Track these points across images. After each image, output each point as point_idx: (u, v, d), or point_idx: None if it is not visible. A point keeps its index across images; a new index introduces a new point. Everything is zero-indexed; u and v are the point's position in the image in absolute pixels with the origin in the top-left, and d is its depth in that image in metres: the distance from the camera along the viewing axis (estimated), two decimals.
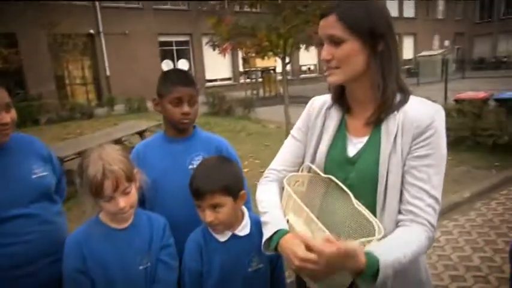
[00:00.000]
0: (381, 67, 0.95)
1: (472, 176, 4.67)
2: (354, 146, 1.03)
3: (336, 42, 0.94)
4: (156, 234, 1.28)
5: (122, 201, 1.16)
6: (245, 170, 5.22)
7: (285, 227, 0.99)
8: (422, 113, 0.95)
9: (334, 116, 1.09)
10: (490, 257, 2.92)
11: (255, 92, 16.30)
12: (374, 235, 0.87)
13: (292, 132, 1.20)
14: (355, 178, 1.01)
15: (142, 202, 1.42)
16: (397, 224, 0.96)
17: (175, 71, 1.49)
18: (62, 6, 9.02)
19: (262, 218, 1.06)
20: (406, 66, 23.86)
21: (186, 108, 1.38)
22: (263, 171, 1.23)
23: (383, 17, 0.95)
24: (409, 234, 0.91)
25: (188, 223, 1.31)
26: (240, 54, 14.15)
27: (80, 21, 11.21)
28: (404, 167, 0.95)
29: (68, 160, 4.71)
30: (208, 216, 1.16)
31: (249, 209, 1.45)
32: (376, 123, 0.99)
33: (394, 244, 0.88)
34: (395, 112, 0.97)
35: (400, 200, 0.96)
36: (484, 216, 3.66)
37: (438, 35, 29.29)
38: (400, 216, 0.96)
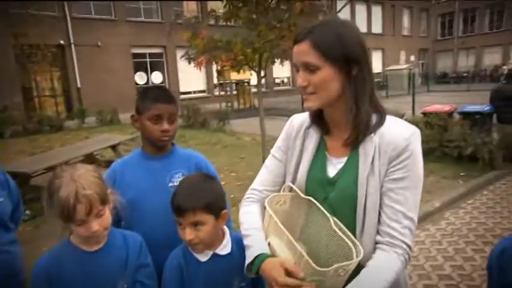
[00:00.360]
0: (354, 91, 0.96)
1: (441, 186, 4.87)
2: (334, 166, 1.04)
3: (311, 69, 0.95)
4: (131, 253, 1.23)
5: (95, 225, 1.10)
6: (222, 183, 5.16)
7: (266, 250, 0.99)
8: (398, 135, 0.96)
9: (313, 136, 1.09)
10: (460, 265, 3.03)
11: (229, 104, 16.34)
12: (352, 258, 0.87)
13: (272, 151, 1.20)
14: (335, 198, 1.01)
15: (118, 222, 1.38)
16: (375, 244, 0.97)
17: (155, 87, 1.45)
18: (31, 16, 8.70)
19: (245, 241, 1.05)
20: (375, 80, 24.80)
21: (165, 125, 1.35)
22: (239, 184, 1.26)
23: (356, 42, 0.96)
24: (385, 263, 0.93)
25: (168, 242, 1.27)
26: (215, 67, 14.18)
27: (50, 31, 10.88)
28: (381, 188, 0.97)
29: (36, 176, 4.47)
30: (189, 234, 1.13)
31: (228, 227, 1.42)
32: (353, 145, 1.01)
33: (370, 279, 0.90)
34: (372, 134, 0.98)
35: (379, 221, 0.97)
36: (453, 225, 3.81)
37: (404, 51, 30.83)
38: (378, 238, 0.97)
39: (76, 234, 1.14)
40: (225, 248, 1.23)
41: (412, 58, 31.40)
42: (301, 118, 1.15)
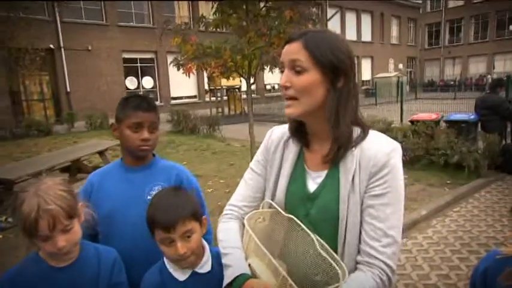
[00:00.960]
0: (337, 103, 0.94)
1: (428, 193, 4.90)
2: (313, 180, 1.01)
3: (298, 70, 0.93)
4: (103, 271, 1.15)
5: (61, 240, 1.03)
6: (209, 190, 5.11)
7: (246, 271, 0.94)
8: (378, 150, 0.93)
9: (292, 149, 1.06)
10: (446, 274, 3.04)
11: (220, 110, 16.33)
12: (337, 280, 0.84)
13: (251, 165, 1.15)
14: (316, 215, 0.98)
15: (95, 236, 1.34)
16: (356, 264, 0.94)
17: (136, 96, 1.40)
18: (19, 19, 8.57)
19: (223, 260, 1.01)
20: (364, 87, 25.14)
21: (145, 134, 1.31)
22: (228, 191, 1.23)
23: (347, 55, 0.95)
24: (357, 283, 0.88)
25: (146, 257, 1.22)
26: (206, 73, 14.17)
27: (39, 35, 10.75)
28: (362, 205, 0.94)
29: (20, 182, 4.36)
30: (181, 247, 1.06)
31: (207, 240, 1.38)
32: (333, 159, 0.97)
33: None
34: (353, 149, 0.95)
35: (359, 240, 0.93)
36: (440, 234, 3.82)
37: (393, 59, 31.38)
38: (358, 257, 0.93)
39: (43, 250, 1.08)
40: (205, 265, 1.17)
41: (401, 66, 31.97)
42: (281, 130, 1.12)
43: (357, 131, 0.97)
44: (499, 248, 1.12)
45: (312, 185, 1.00)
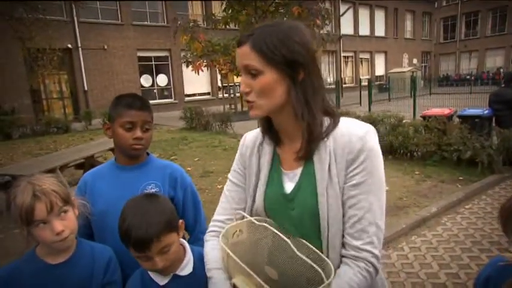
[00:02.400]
0: (303, 97, 0.89)
1: (439, 190, 4.81)
2: (290, 180, 0.96)
3: (253, 74, 0.88)
4: (97, 269, 1.15)
5: (58, 224, 1.04)
6: (219, 186, 5.16)
7: (226, 286, 0.93)
8: (351, 135, 0.89)
9: (267, 151, 1.01)
10: (455, 273, 2.96)
11: (232, 106, 16.39)
12: (321, 282, 0.80)
13: (229, 176, 1.11)
14: (297, 215, 0.93)
15: (91, 235, 1.34)
16: (341, 258, 0.91)
17: (129, 95, 1.37)
18: (39, 20, 8.85)
19: (209, 283, 0.99)
20: (378, 82, 24.78)
21: (138, 133, 1.29)
22: None
23: (302, 45, 0.88)
24: (344, 279, 0.85)
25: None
26: (217, 70, 14.33)
27: (57, 35, 11.11)
28: (343, 196, 0.89)
29: None
30: (159, 262, 1.03)
31: (202, 240, 1.33)
32: (307, 154, 0.93)
33: None
34: (326, 139, 0.91)
35: (343, 233, 0.90)
36: (450, 231, 3.74)
37: (407, 54, 30.80)
38: (343, 251, 0.90)
39: (41, 240, 1.07)
40: (186, 267, 1.14)
41: (415, 61, 31.36)
42: (253, 134, 1.08)
43: (326, 121, 0.92)
44: (503, 253, 1.10)
45: (289, 185, 0.96)
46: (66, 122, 13.27)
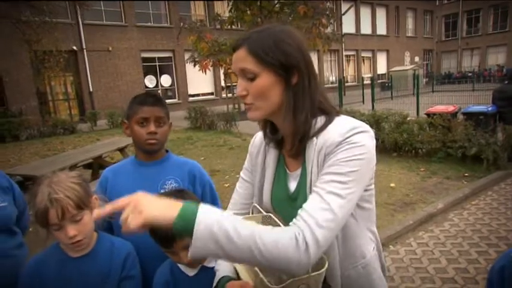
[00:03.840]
0: (293, 100, 0.90)
1: (445, 187, 4.84)
2: (294, 180, 0.98)
3: (249, 77, 0.88)
4: (115, 264, 1.19)
5: (71, 230, 1.08)
6: (226, 184, 5.20)
7: (230, 273, 0.99)
8: (336, 132, 0.87)
9: (272, 152, 1.03)
10: (464, 268, 2.99)
11: (236, 106, 16.45)
12: (308, 272, 0.81)
13: (241, 173, 1.15)
14: None
15: (111, 230, 1.37)
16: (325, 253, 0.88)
17: (144, 93, 1.43)
18: (44, 23, 8.97)
19: (215, 267, 1.05)
20: (380, 81, 24.77)
21: (152, 127, 1.32)
22: None
23: (296, 48, 0.89)
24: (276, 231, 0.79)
25: (160, 251, 1.20)
26: (222, 70, 14.40)
27: (63, 38, 11.27)
28: None
29: None
30: (184, 258, 1.08)
31: None
32: (298, 154, 0.95)
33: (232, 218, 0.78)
34: (315, 138, 0.90)
35: None
36: (457, 227, 3.77)
37: (408, 52, 30.75)
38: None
39: (59, 240, 1.14)
40: (212, 259, 1.17)
41: (417, 59, 31.31)
42: (262, 135, 1.08)
43: (321, 120, 0.92)
44: None
45: (293, 185, 0.98)
46: (72, 123, 13.41)
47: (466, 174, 5.25)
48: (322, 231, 0.77)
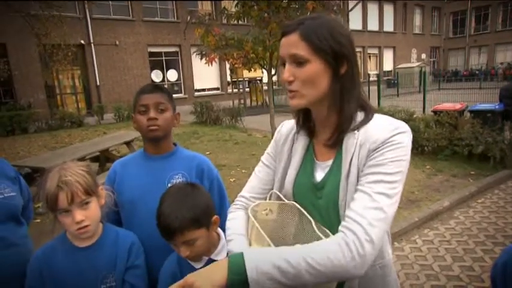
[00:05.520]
0: (341, 89, 0.91)
1: (451, 184, 4.84)
2: (322, 170, 0.98)
3: (299, 62, 0.88)
4: (121, 253, 1.21)
5: (79, 214, 1.10)
6: (232, 179, 5.24)
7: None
8: (383, 129, 0.89)
9: (301, 141, 1.04)
10: (469, 266, 2.99)
11: (242, 101, 16.48)
12: None
13: (262, 158, 1.15)
14: (323, 204, 0.96)
15: (119, 221, 1.39)
16: None
17: (146, 84, 1.43)
18: (53, 17, 9.04)
19: (227, 247, 1.00)
20: (386, 78, 24.61)
21: (151, 113, 1.31)
22: None
23: (347, 38, 0.90)
24: (324, 244, 0.81)
25: (166, 243, 1.19)
26: (228, 65, 14.39)
27: (71, 32, 11.34)
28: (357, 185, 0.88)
29: None
30: (183, 251, 1.09)
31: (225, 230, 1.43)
32: (335, 145, 0.95)
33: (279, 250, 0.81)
34: (356, 131, 0.91)
35: None
36: (463, 225, 3.77)
37: (415, 49, 30.46)
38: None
39: (65, 227, 1.15)
40: (220, 252, 1.18)
41: (424, 56, 31.01)
42: (290, 124, 1.10)
43: (360, 115, 0.94)
44: None
45: (320, 175, 0.98)
46: (79, 116, 13.50)
47: (472, 173, 5.24)
48: (376, 230, 0.79)
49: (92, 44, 15.29)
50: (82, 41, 14.96)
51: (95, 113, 14.18)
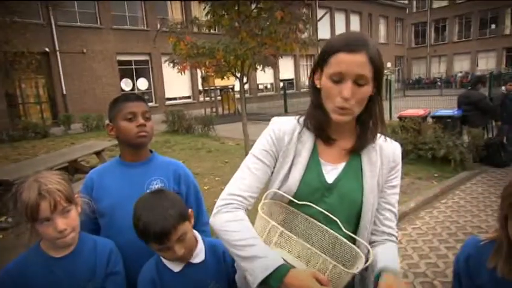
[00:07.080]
0: (372, 106, 1.03)
1: (416, 186, 5.07)
2: (330, 171, 1.06)
3: (361, 84, 0.93)
4: (100, 260, 1.20)
5: (61, 223, 1.09)
6: (206, 187, 5.21)
7: (282, 261, 0.89)
8: (394, 149, 1.12)
9: (306, 142, 1.07)
10: (434, 262, 3.17)
11: (214, 110, 16.42)
12: (366, 260, 0.94)
13: (257, 155, 1.09)
14: (334, 202, 1.03)
15: (97, 230, 1.38)
16: (370, 243, 1.07)
17: (124, 94, 1.50)
18: (15, 23, 8.61)
19: (244, 252, 0.92)
20: None
21: (141, 120, 1.34)
22: (224, 188, 1.09)
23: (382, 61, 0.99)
24: (391, 249, 1.08)
25: (145, 250, 1.19)
26: (199, 73, 14.30)
27: (35, 39, 10.80)
28: (380, 193, 1.09)
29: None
30: (179, 249, 1.11)
31: (206, 232, 1.41)
32: (352, 152, 1.07)
33: (393, 253, 1.06)
34: (374, 144, 1.07)
35: (374, 222, 1.10)
36: (428, 225, 3.97)
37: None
38: (374, 237, 1.10)
39: (44, 236, 1.12)
40: (198, 255, 1.20)
41: (389, 65, 32.38)
42: (292, 123, 1.11)
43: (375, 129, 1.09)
44: (477, 235, 1.22)
45: (330, 176, 1.05)
46: (44, 126, 12.93)
47: (436, 175, 5.52)
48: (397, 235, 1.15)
49: (58, 52, 14.71)
50: (47, 49, 14.36)
51: (61, 123, 13.63)
